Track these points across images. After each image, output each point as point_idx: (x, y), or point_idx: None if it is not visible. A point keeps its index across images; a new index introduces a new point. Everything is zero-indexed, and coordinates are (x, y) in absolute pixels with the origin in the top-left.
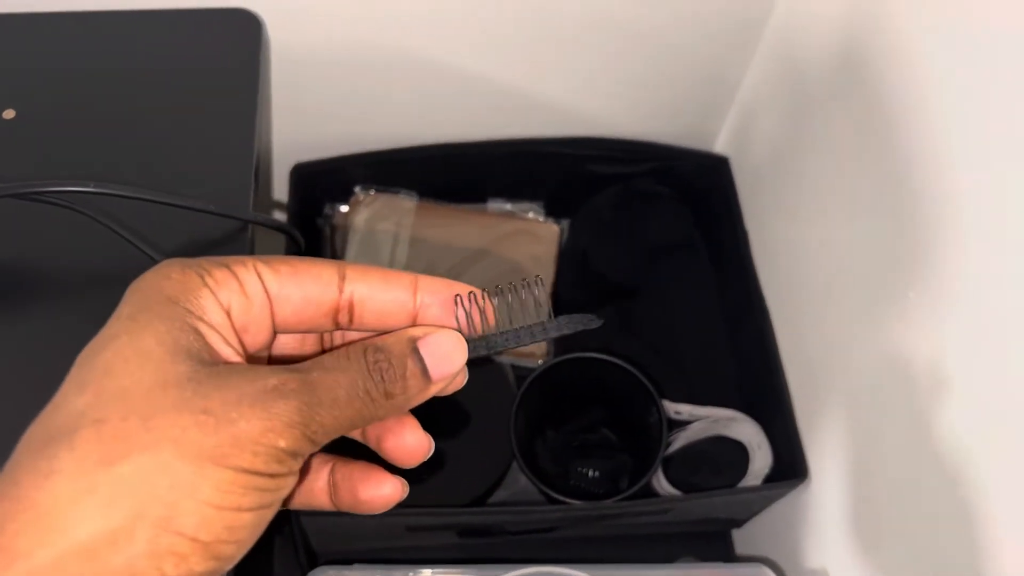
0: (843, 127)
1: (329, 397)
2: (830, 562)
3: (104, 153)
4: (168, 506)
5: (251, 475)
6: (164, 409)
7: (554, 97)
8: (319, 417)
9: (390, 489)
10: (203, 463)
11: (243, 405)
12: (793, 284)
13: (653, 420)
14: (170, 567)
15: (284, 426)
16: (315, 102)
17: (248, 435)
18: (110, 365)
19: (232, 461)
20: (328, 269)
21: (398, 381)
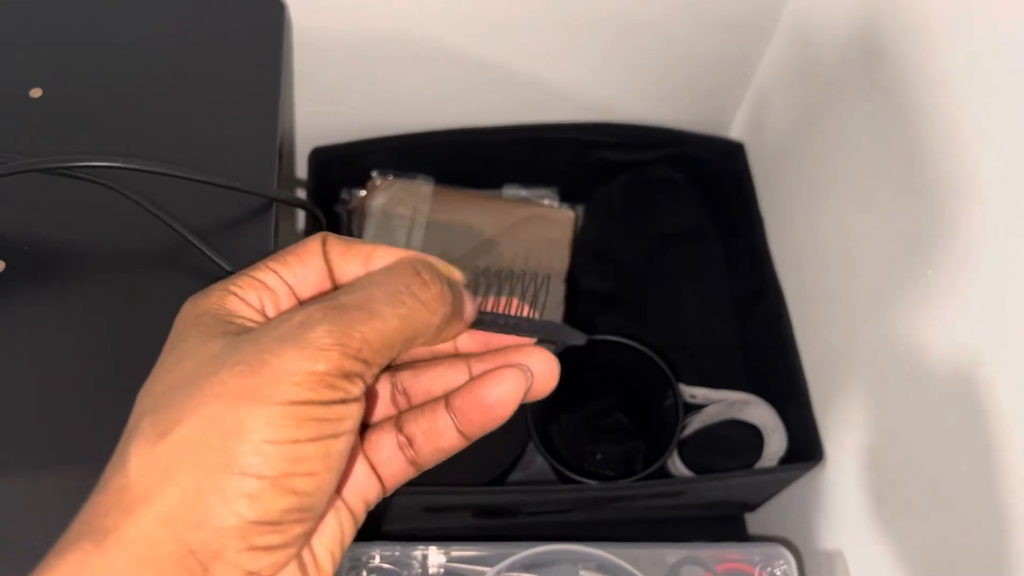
0: (861, 109)
1: (366, 311)
2: (845, 544)
3: (129, 132)
4: (224, 451)
5: (301, 406)
6: (204, 377)
7: (569, 83)
8: (359, 333)
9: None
10: (248, 404)
11: (271, 345)
12: (809, 267)
13: (668, 403)
14: (244, 508)
15: (318, 350)
16: (334, 87)
17: (283, 368)
18: (156, 376)
19: (276, 397)
20: (314, 243)
21: (433, 287)
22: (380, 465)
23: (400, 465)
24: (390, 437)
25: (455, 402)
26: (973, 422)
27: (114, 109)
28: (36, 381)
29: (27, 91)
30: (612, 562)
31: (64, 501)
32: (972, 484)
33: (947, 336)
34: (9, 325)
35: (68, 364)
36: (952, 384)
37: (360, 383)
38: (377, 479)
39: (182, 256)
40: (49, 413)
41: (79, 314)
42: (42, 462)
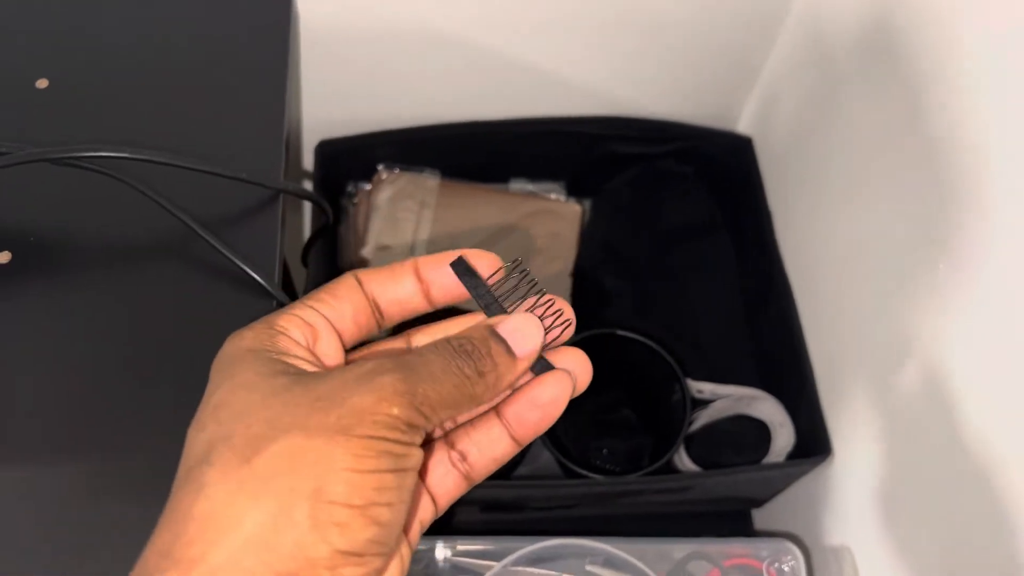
0: (872, 103)
1: (426, 372)
2: (852, 540)
3: (135, 123)
4: (316, 478)
5: (379, 440)
6: (281, 409)
7: (577, 77)
8: (421, 389)
9: (559, 378)
10: (333, 436)
11: (349, 385)
12: (817, 262)
13: (676, 398)
14: (335, 537)
15: (393, 394)
16: (341, 79)
17: (363, 406)
18: (220, 404)
19: (357, 430)
20: (349, 279)
21: (486, 359)
22: (434, 485)
23: (455, 481)
24: (441, 455)
25: (507, 410)
26: (983, 419)
27: (120, 100)
28: (41, 372)
29: (33, 82)
30: (619, 557)
31: (69, 493)
32: (981, 482)
33: (958, 331)
34: (15, 315)
35: (73, 355)
36: (963, 379)
37: (420, 434)
38: (431, 500)
39: (188, 247)
40: (54, 404)
41: (85, 305)
42: (46, 453)
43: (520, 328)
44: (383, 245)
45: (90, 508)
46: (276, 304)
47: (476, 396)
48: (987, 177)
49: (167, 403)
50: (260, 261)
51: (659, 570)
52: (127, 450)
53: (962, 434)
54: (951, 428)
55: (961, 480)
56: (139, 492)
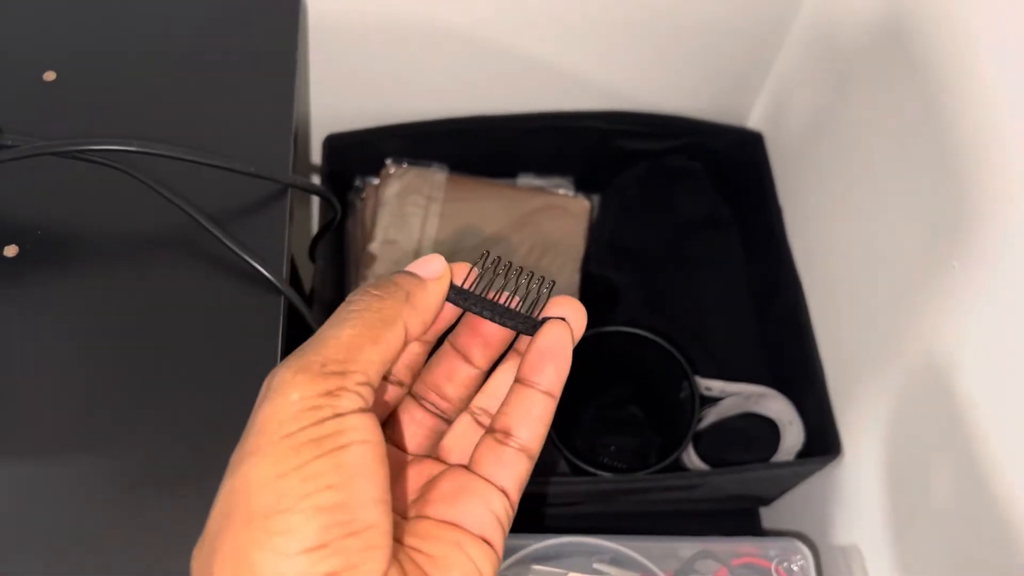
0: (883, 99)
1: (316, 339)
2: (861, 540)
3: (143, 116)
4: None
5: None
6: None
7: (586, 71)
8: (315, 356)
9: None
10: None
11: (254, 410)
12: (828, 259)
13: (684, 395)
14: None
15: (287, 384)
16: (350, 73)
17: (264, 417)
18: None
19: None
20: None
21: (385, 284)
22: (498, 475)
23: (511, 460)
24: (488, 445)
25: (523, 372)
26: (996, 420)
27: (128, 94)
28: (46, 365)
29: (41, 74)
30: (626, 555)
31: (77, 485)
32: (993, 483)
33: (971, 330)
34: (21, 309)
35: (79, 349)
36: (976, 379)
37: (349, 395)
38: (497, 490)
39: (196, 242)
40: (59, 398)
41: (91, 299)
42: (50, 447)
43: (423, 261)
44: (390, 240)
45: (91, 502)
46: (284, 300)
47: (389, 319)
48: (1004, 174)
49: (173, 398)
50: (268, 256)
51: (666, 568)
52: (131, 445)
53: (974, 434)
54: (963, 428)
55: (973, 481)
56: (141, 486)
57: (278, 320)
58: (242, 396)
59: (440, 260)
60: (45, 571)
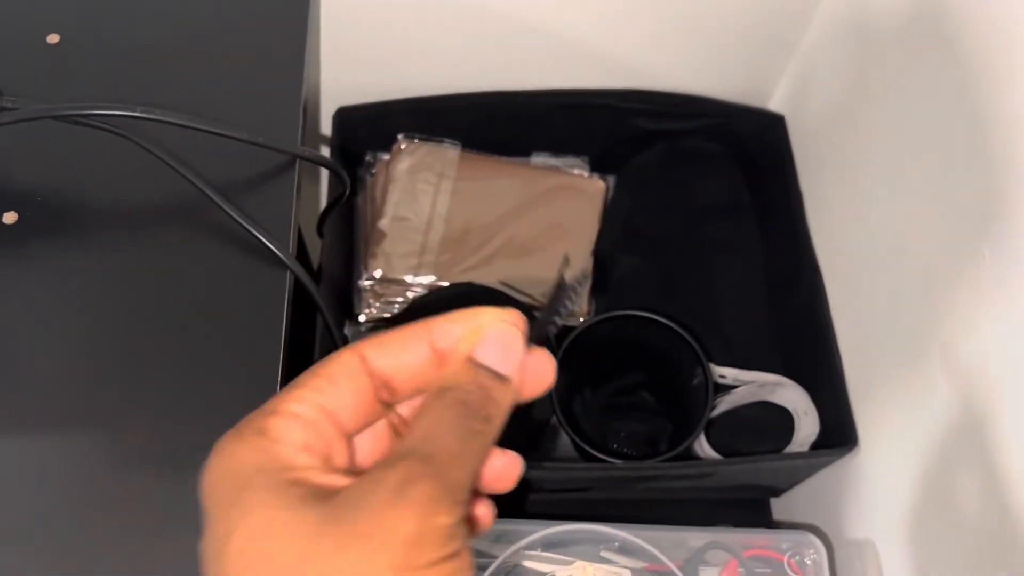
0: (914, 80)
1: (447, 455)
2: (876, 533)
3: (148, 82)
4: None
5: (441, 563)
6: (324, 562)
7: (605, 48)
8: (451, 477)
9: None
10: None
11: (386, 512)
12: (850, 246)
13: (698, 382)
14: None
15: (433, 504)
16: (362, 45)
17: (411, 533)
18: (245, 556)
19: (420, 559)
20: (348, 356)
21: (488, 403)
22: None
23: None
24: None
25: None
26: (1018, 416)
27: (133, 59)
28: (44, 335)
29: (44, 37)
30: (634, 543)
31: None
32: (1016, 483)
33: (999, 324)
34: (19, 277)
35: (78, 319)
36: (1000, 374)
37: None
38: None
39: (201, 212)
40: (57, 369)
41: (92, 268)
42: (47, 418)
43: (501, 345)
44: (401, 216)
45: (89, 476)
46: (290, 274)
47: (489, 446)
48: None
49: (173, 372)
50: (274, 228)
51: (675, 558)
52: (129, 418)
53: (996, 431)
54: (985, 424)
55: (994, 480)
56: (139, 460)
57: (283, 295)
58: (243, 372)
59: (519, 342)
60: (40, 548)
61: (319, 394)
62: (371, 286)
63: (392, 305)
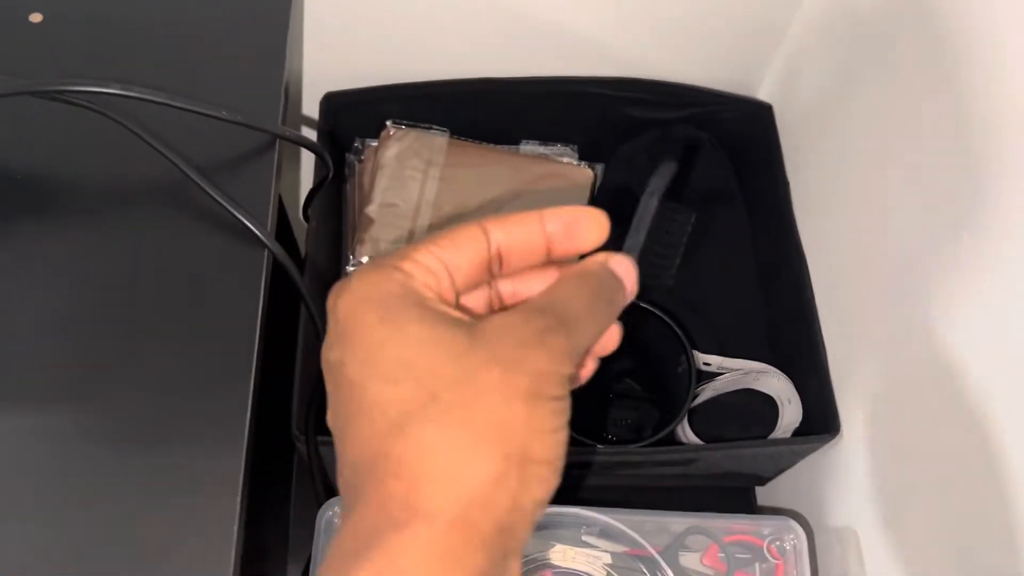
0: (900, 71)
1: (576, 321)
2: (857, 521)
3: (130, 62)
4: (523, 443)
5: (558, 400)
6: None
7: (595, 36)
8: (577, 339)
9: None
10: (529, 401)
11: (527, 347)
12: (835, 235)
13: (682, 369)
14: (538, 490)
15: (563, 355)
16: (349, 30)
17: (543, 370)
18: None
19: (546, 392)
20: (473, 228)
21: (614, 291)
22: None
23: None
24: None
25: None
26: (1000, 403)
27: (116, 38)
28: (22, 314)
29: (27, 15)
30: (615, 528)
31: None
32: (994, 468)
33: (978, 310)
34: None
35: (56, 298)
36: (982, 359)
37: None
38: None
39: (180, 192)
40: (35, 348)
41: (70, 247)
42: (25, 399)
43: (629, 270)
44: (389, 203)
45: (67, 452)
46: (268, 254)
47: (607, 321)
48: (1021, 148)
49: (151, 350)
50: (253, 208)
51: (657, 544)
52: (106, 395)
53: (977, 419)
54: (966, 412)
55: (973, 465)
56: (117, 434)
57: (261, 274)
58: (217, 349)
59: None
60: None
61: (443, 250)
62: None
63: None
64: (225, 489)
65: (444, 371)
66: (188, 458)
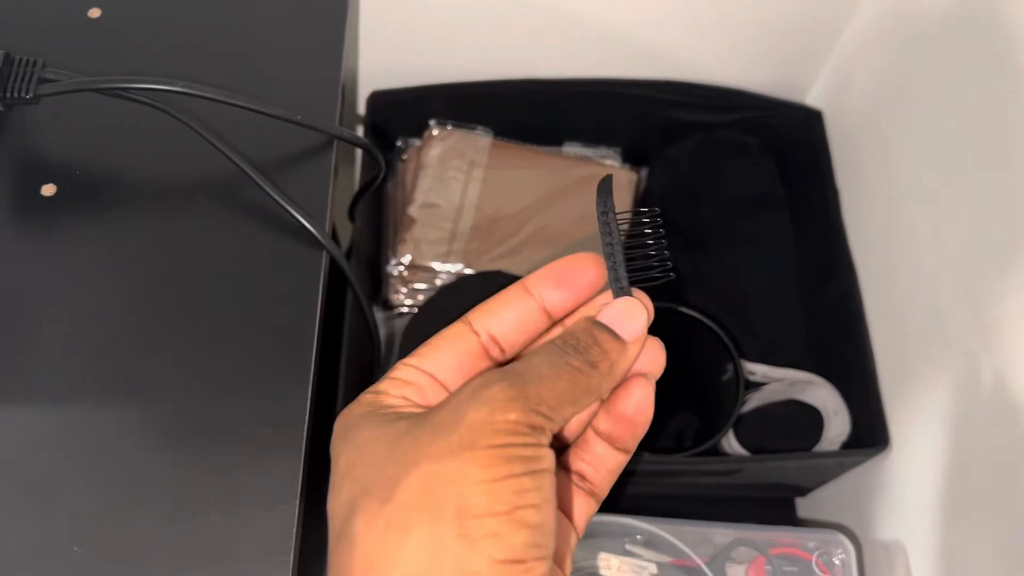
0: (961, 76)
1: (534, 374)
2: (905, 536)
3: (189, 59)
4: (455, 498)
5: (503, 447)
6: (407, 448)
7: (641, 38)
8: (533, 390)
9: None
10: (459, 454)
11: (462, 405)
12: (888, 246)
13: (727, 378)
14: (491, 547)
15: (505, 401)
16: (398, 29)
17: (480, 419)
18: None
19: (481, 443)
20: (457, 327)
21: (593, 348)
22: (567, 507)
23: (584, 501)
24: (564, 476)
25: (601, 428)
26: None
27: (175, 34)
28: (78, 310)
29: (86, 10)
30: (661, 537)
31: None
32: None
33: None
34: (57, 250)
35: (114, 294)
36: None
37: (546, 436)
38: (570, 523)
39: (238, 190)
40: (88, 344)
41: (129, 242)
42: (80, 393)
43: (623, 313)
44: (431, 203)
45: (113, 451)
46: (325, 255)
47: (593, 387)
48: None
49: (206, 347)
50: (311, 209)
51: (701, 554)
52: (158, 395)
53: None
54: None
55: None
56: (172, 436)
57: (318, 276)
58: (276, 352)
59: (643, 317)
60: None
61: (422, 360)
62: (399, 272)
63: (419, 292)
64: (283, 495)
65: (380, 463)
66: (243, 463)
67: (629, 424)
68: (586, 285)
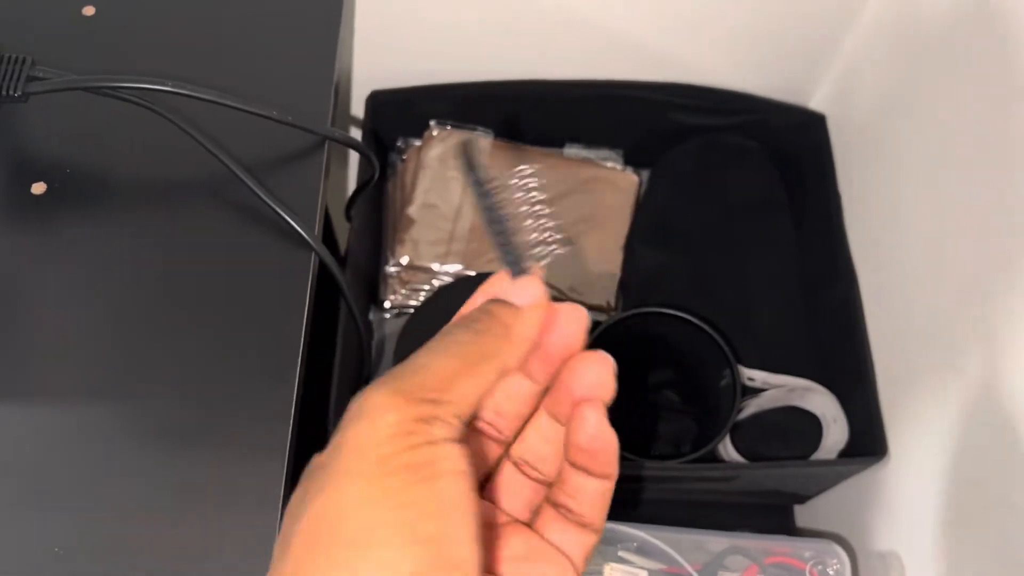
0: (965, 81)
1: (412, 365)
2: (901, 546)
3: (182, 58)
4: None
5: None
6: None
7: (643, 40)
8: (411, 381)
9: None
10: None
11: (342, 430)
12: (889, 253)
13: (725, 384)
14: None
15: (382, 407)
16: (397, 29)
17: (358, 436)
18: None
19: (363, 461)
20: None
21: (481, 317)
22: (565, 544)
23: (576, 534)
24: (552, 513)
25: (575, 460)
26: None
27: (167, 34)
28: (69, 308)
29: (80, 9)
30: (653, 545)
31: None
32: None
33: None
34: (46, 249)
35: (103, 292)
36: None
37: (442, 424)
38: (566, 559)
39: (228, 190)
40: (77, 343)
41: (118, 242)
42: (70, 392)
43: (513, 284)
44: (430, 204)
45: (103, 450)
46: (314, 256)
47: (490, 353)
48: None
49: (192, 351)
50: (301, 209)
51: (695, 562)
52: (146, 395)
53: None
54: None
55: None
56: (157, 434)
57: (307, 277)
58: (265, 351)
59: (538, 286)
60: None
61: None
62: (397, 272)
63: (418, 292)
64: (266, 495)
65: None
66: (228, 462)
67: (592, 452)
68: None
